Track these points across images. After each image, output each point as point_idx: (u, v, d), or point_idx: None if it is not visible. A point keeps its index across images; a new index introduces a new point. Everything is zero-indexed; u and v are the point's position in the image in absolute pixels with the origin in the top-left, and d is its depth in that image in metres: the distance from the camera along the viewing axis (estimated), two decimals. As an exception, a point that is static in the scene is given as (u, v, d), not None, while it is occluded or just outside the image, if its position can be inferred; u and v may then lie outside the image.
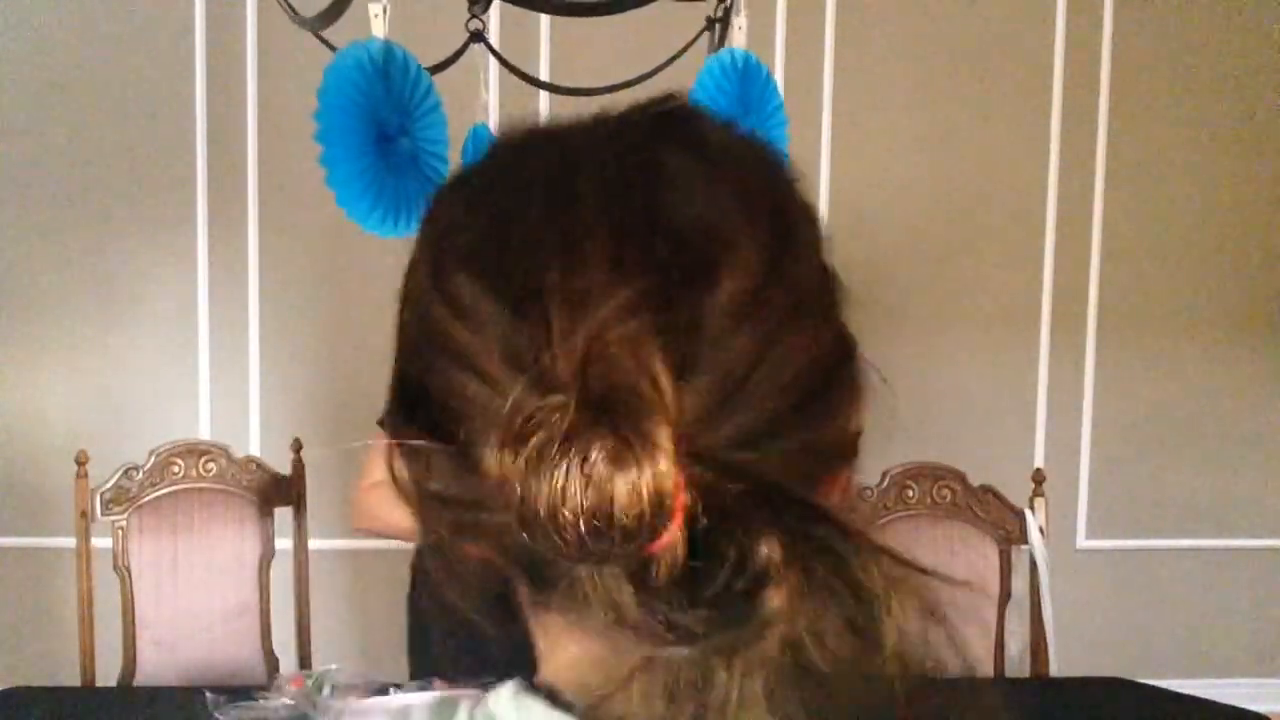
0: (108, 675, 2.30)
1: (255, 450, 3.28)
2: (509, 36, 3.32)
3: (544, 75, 3.33)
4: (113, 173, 3.27)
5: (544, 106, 3.36)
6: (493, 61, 1.84)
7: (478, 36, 1.62)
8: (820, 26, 3.40)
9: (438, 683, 1.76)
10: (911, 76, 3.44)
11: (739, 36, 1.60)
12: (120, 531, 2.29)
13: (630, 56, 2.06)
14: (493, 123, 2.10)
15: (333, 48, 1.73)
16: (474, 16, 1.49)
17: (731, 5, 1.63)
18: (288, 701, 1.73)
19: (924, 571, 0.44)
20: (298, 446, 2.46)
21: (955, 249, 3.48)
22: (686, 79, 2.10)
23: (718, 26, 1.74)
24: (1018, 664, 2.33)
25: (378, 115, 1.30)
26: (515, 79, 2.14)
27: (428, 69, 1.74)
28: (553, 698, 0.47)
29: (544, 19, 3.30)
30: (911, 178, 3.46)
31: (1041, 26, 3.47)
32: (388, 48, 1.31)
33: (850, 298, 0.56)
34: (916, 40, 3.44)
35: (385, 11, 1.31)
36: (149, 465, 2.34)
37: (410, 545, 3.46)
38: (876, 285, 3.46)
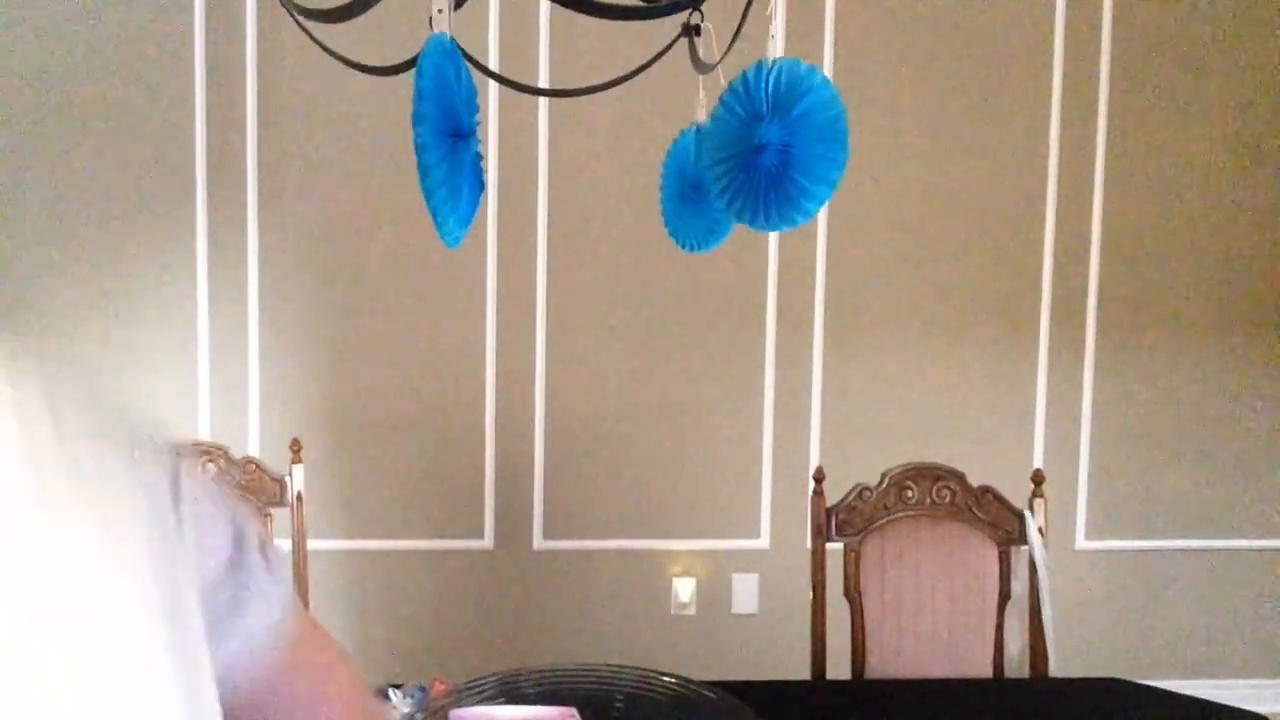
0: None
1: (254, 450, 3.28)
2: (509, 38, 3.32)
3: (544, 75, 3.34)
4: (112, 174, 3.27)
5: (543, 107, 3.36)
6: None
7: None
8: (820, 27, 3.40)
9: (436, 684, 1.76)
10: (911, 76, 3.45)
11: (771, 44, 1.59)
12: (120, 532, 2.29)
13: (632, 61, 2.06)
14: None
15: (327, 49, 1.73)
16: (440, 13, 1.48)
17: (752, 15, 1.62)
18: (287, 702, 1.73)
19: None
20: (296, 447, 2.46)
21: (955, 249, 3.48)
22: (673, 85, 2.11)
23: (694, 34, 1.75)
24: (1018, 664, 2.33)
25: (456, 112, 1.29)
26: (515, 80, 2.14)
27: (392, 67, 1.73)
28: None
29: (543, 22, 3.30)
30: (911, 178, 3.46)
31: (1041, 26, 3.47)
32: (454, 45, 1.31)
33: (852, 299, 0.56)
34: (916, 40, 3.44)
35: (450, 7, 1.30)
36: (148, 466, 2.34)
37: (409, 545, 3.47)
38: (876, 285, 3.46)
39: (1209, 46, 3.50)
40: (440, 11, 1.30)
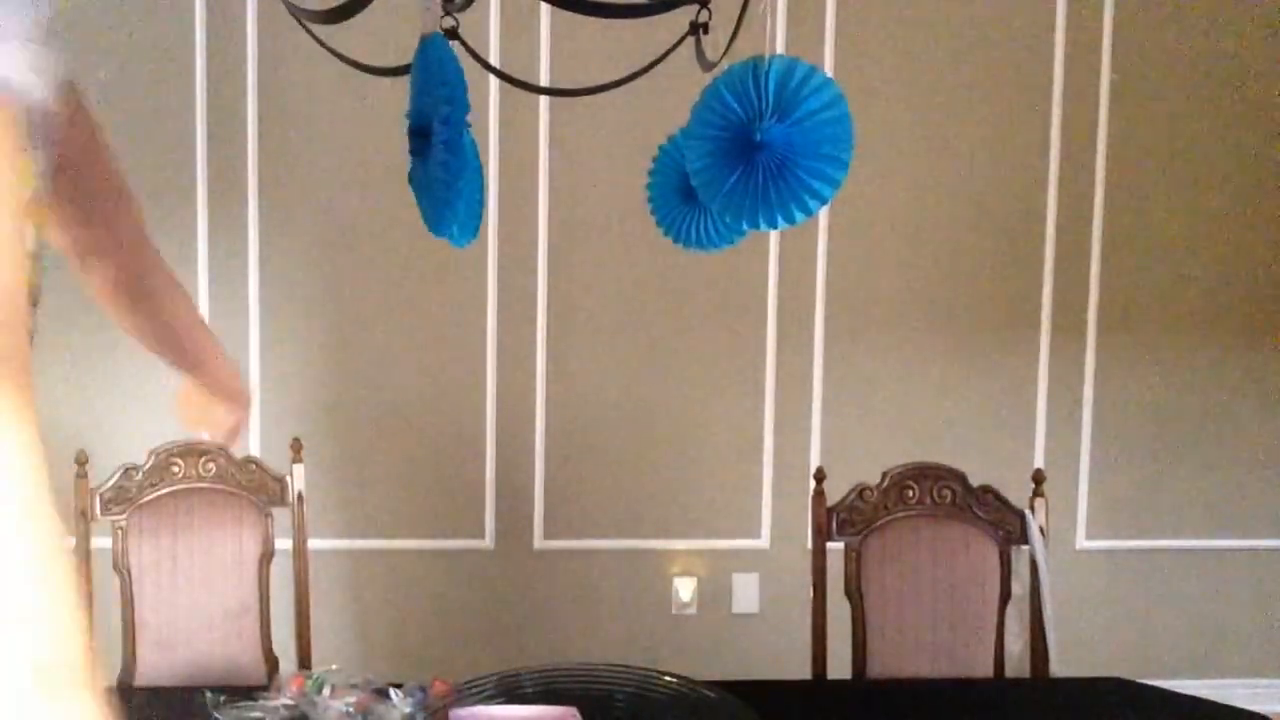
0: (107, 675, 2.30)
1: (255, 450, 3.28)
2: (510, 37, 3.32)
3: (545, 74, 3.33)
4: (112, 173, 3.27)
5: (544, 106, 3.36)
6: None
7: (452, 34, 1.62)
8: (820, 26, 3.40)
9: (436, 684, 1.76)
10: (911, 75, 3.44)
11: (769, 42, 1.59)
12: (120, 531, 2.29)
13: (631, 60, 2.06)
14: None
15: (331, 50, 1.73)
16: (448, 14, 1.49)
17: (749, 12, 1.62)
18: (288, 701, 1.74)
19: None
20: (297, 446, 2.46)
21: (956, 248, 3.48)
22: (673, 84, 2.10)
23: (701, 32, 1.75)
24: (1018, 664, 2.33)
25: (446, 114, 1.29)
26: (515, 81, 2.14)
27: (394, 69, 1.73)
28: None
29: (544, 22, 3.30)
30: (911, 177, 3.46)
31: (1042, 26, 3.47)
32: (447, 44, 1.31)
33: (852, 298, 0.56)
34: (916, 39, 3.44)
35: (439, 6, 1.31)
36: (149, 465, 2.35)
37: (409, 545, 3.46)
38: (877, 284, 3.46)
39: (1210, 47, 3.49)
40: (427, 10, 1.31)
